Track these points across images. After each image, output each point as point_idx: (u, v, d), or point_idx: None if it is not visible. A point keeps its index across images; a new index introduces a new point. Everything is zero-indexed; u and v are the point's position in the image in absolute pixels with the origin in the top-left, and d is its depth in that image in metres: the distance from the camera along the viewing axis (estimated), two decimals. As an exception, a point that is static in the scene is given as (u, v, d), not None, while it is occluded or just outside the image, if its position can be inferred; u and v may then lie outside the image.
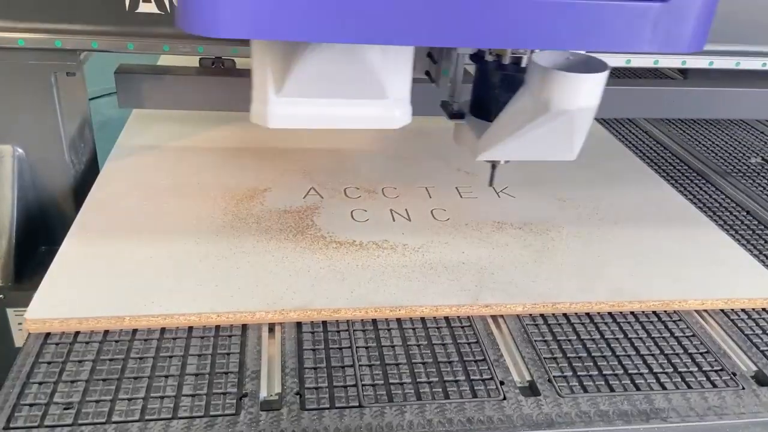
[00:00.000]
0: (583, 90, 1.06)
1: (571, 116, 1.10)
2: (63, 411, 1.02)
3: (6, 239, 1.61)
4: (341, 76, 1.06)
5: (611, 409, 1.10)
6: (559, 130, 1.13)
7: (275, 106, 1.08)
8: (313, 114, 1.11)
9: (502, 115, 1.19)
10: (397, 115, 1.15)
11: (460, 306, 1.29)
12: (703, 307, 1.37)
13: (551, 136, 1.15)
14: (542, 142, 1.18)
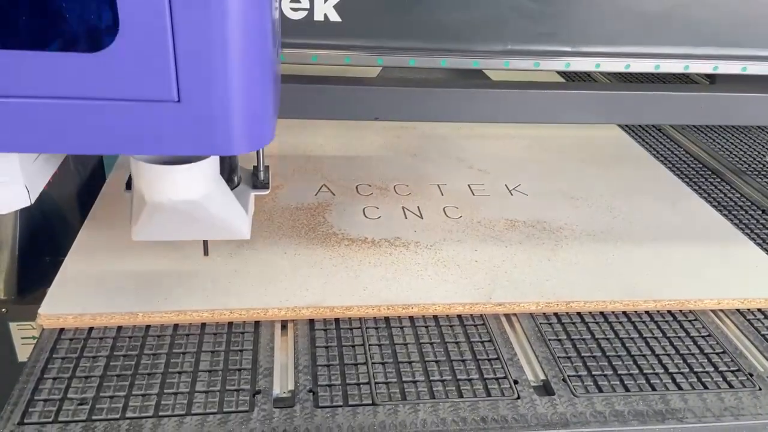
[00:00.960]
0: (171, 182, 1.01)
1: (173, 208, 1.06)
2: (77, 407, 1.02)
3: (9, 251, 1.55)
4: None
5: (626, 409, 1.09)
6: (180, 217, 1.10)
7: None
8: None
9: (132, 202, 1.15)
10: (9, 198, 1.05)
11: (474, 304, 1.28)
12: (719, 307, 1.36)
13: (183, 219, 1.11)
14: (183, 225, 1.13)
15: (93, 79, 0.75)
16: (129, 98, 0.77)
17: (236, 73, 0.79)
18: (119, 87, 0.76)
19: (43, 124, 0.78)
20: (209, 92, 0.78)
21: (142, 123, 0.79)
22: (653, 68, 1.52)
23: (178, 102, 0.78)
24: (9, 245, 1.54)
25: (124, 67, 0.75)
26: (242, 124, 0.83)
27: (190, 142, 0.82)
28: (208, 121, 0.81)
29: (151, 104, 0.77)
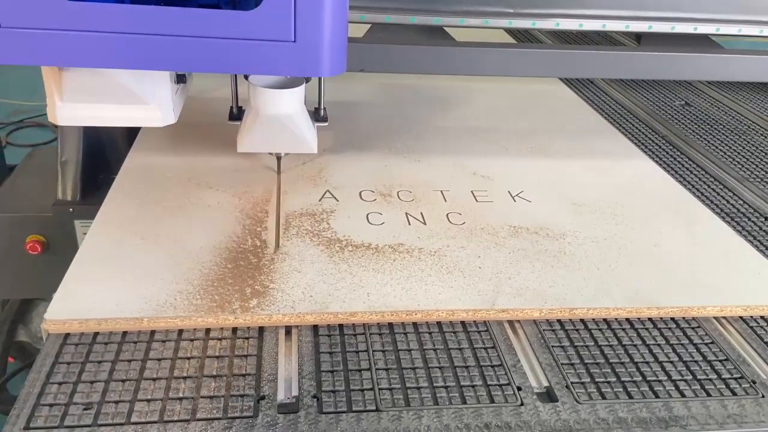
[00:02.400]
0: (277, 101, 1.52)
1: (279, 120, 1.55)
2: (83, 411, 1.03)
3: (74, 165, 2.00)
4: (103, 87, 1.34)
5: (630, 416, 1.09)
6: (277, 129, 1.57)
7: (61, 109, 1.36)
8: (92, 115, 1.39)
9: (243, 121, 1.64)
10: (159, 116, 1.42)
11: (477, 310, 1.29)
12: (722, 314, 1.36)
13: (276, 134, 1.59)
14: (275, 138, 1.61)
15: (247, 27, 1.18)
16: (265, 39, 1.19)
17: (330, 22, 1.20)
18: (261, 32, 1.18)
19: (210, 54, 1.20)
20: (314, 35, 1.20)
21: (271, 54, 1.21)
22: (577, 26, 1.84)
23: (294, 42, 1.20)
24: (74, 162, 2.01)
25: (266, 19, 1.17)
26: (332, 56, 1.24)
27: (300, 68, 1.24)
28: (311, 54, 1.22)
29: (278, 42, 1.20)
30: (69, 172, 2.00)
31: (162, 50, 1.17)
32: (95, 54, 1.16)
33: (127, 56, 1.17)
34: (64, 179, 2.00)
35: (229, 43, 1.19)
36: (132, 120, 1.41)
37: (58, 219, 1.99)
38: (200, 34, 1.17)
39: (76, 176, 2.00)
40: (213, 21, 1.17)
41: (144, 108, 1.40)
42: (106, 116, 1.39)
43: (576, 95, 2.65)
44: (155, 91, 1.40)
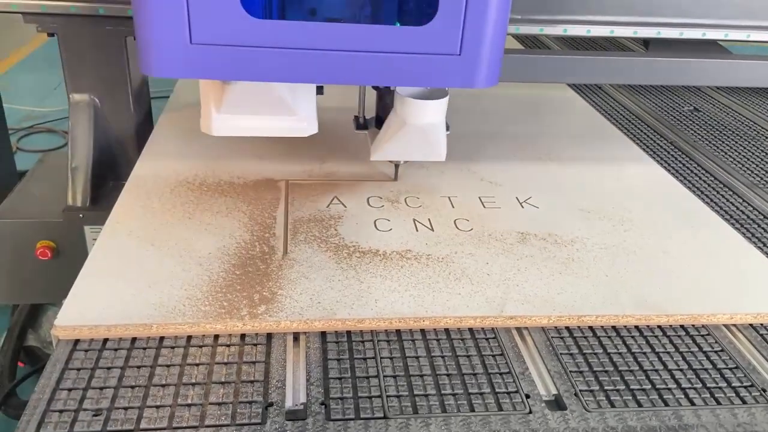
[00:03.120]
0: (427, 111, 1.54)
1: (423, 129, 1.57)
2: (92, 417, 1.03)
3: (84, 171, 2.03)
4: (261, 99, 1.43)
5: (639, 424, 1.09)
6: (419, 138, 1.61)
7: (216, 120, 1.45)
8: (245, 125, 1.47)
9: (382, 129, 1.67)
10: (305, 126, 1.50)
11: (485, 317, 1.29)
12: (732, 322, 1.35)
13: (415, 143, 1.62)
14: (412, 147, 1.64)
15: (416, 41, 1.25)
16: (432, 53, 1.26)
17: (493, 37, 1.26)
18: (429, 46, 1.25)
19: (381, 67, 1.27)
20: (477, 49, 1.26)
21: (436, 67, 1.28)
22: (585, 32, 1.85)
23: (459, 55, 1.26)
24: (84, 168, 2.04)
25: (436, 34, 1.24)
26: (490, 69, 1.30)
27: (461, 80, 1.30)
28: (473, 67, 1.29)
29: (444, 56, 1.26)
30: (79, 178, 2.03)
31: (338, 65, 1.25)
32: (278, 69, 1.24)
33: (307, 71, 1.25)
34: (74, 185, 2.03)
35: (398, 57, 1.26)
36: (279, 130, 1.49)
37: (68, 225, 2.02)
38: (374, 49, 1.25)
39: (86, 182, 2.03)
40: (386, 36, 1.24)
41: (292, 119, 1.48)
42: (256, 127, 1.47)
43: (584, 101, 2.64)
44: (303, 102, 1.48)
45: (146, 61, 1.22)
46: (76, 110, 2.02)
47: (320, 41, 1.22)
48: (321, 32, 1.22)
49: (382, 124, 1.68)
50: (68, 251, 2.06)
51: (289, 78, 1.27)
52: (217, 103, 1.43)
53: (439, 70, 1.28)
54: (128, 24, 1.89)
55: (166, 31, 1.18)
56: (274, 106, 1.44)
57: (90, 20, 1.87)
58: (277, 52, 1.22)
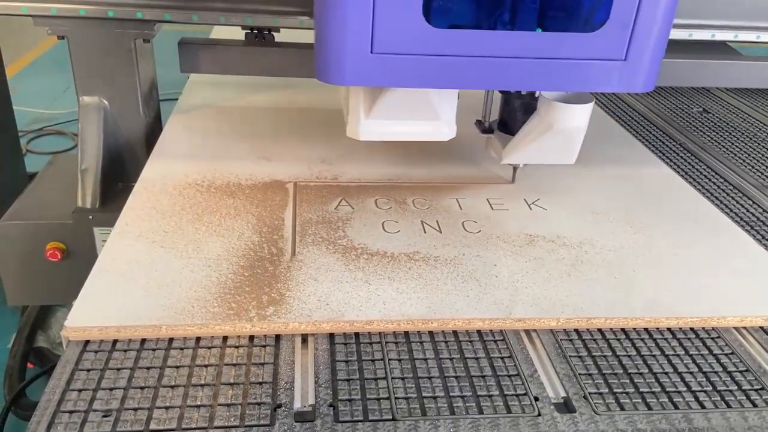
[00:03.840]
0: (576, 116, 1.55)
1: (568, 133, 1.59)
2: (102, 418, 1.03)
3: (93, 172, 2.03)
4: (410, 105, 1.50)
5: (649, 427, 1.08)
6: (560, 142, 1.63)
7: (364, 125, 1.54)
8: (390, 130, 1.56)
9: (519, 132, 1.67)
10: (446, 131, 1.59)
11: (493, 319, 1.28)
12: (742, 324, 1.34)
13: (555, 147, 1.64)
14: (549, 151, 1.66)
15: (584, 48, 1.31)
16: (599, 58, 1.32)
17: (657, 42, 1.32)
18: (597, 51, 1.31)
19: (548, 73, 1.34)
20: (643, 54, 1.32)
21: (600, 72, 1.34)
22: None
23: (624, 60, 1.32)
24: (94, 170, 2.04)
25: (605, 40, 1.29)
26: (651, 73, 1.36)
27: (623, 85, 1.36)
28: (636, 71, 1.34)
29: (609, 62, 1.32)
30: (89, 180, 2.03)
31: (510, 71, 1.32)
32: (454, 76, 1.32)
33: (481, 77, 1.33)
34: (84, 187, 2.03)
35: (565, 63, 1.32)
36: (422, 135, 1.57)
37: (77, 226, 2.02)
38: (545, 56, 1.31)
39: (96, 184, 2.03)
40: (557, 43, 1.30)
41: (435, 123, 1.55)
42: (400, 131, 1.55)
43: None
44: (446, 106, 1.54)
45: (326, 70, 1.30)
46: (85, 112, 2.02)
47: (495, 48, 1.29)
48: (496, 40, 1.29)
49: (506, 127, 1.73)
50: (78, 252, 2.07)
51: (463, 85, 1.34)
52: (367, 109, 1.49)
53: (602, 76, 1.33)
54: (137, 27, 1.91)
55: (349, 41, 1.25)
56: (422, 110, 1.51)
57: (99, 23, 1.89)
58: (454, 61, 1.30)
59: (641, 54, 1.30)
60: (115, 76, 2.00)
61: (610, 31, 1.27)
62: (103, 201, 2.04)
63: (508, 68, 1.31)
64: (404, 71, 1.29)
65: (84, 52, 1.95)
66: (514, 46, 1.29)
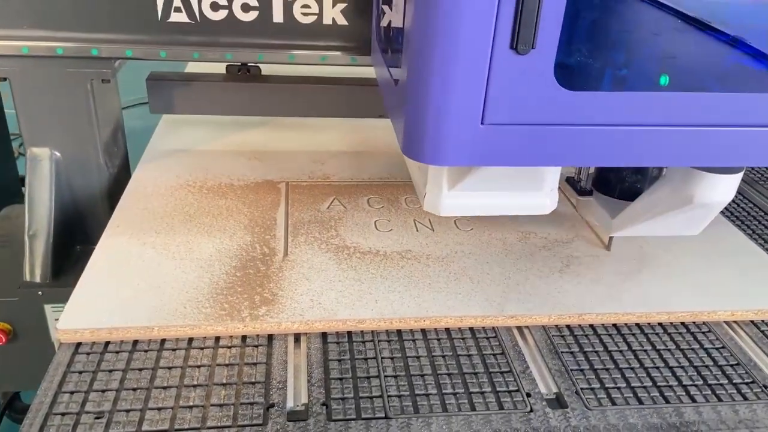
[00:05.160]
0: (724, 187, 1.23)
1: (710, 208, 1.30)
2: (94, 420, 1.03)
3: (44, 239, 1.68)
4: (509, 175, 1.21)
5: (640, 422, 1.09)
6: (696, 217, 1.34)
7: (447, 198, 1.25)
8: (478, 204, 1.27)
9: (638, 202, 1.38)
10: (548, 203, 1.29)
11: (485, 317, 1.29)
12: (733, 319, 1.35)
13: (685, 220, 1.35)
14: (675, 224, 1.37)
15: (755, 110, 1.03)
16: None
17: None
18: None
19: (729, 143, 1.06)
20: None
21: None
22: None
23: None
24: (44, 234, 1.68)
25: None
26: None
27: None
28: None
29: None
30: (38, 247, 1.68)
31: (677, 142, 1.04)
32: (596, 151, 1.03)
33: (623, 153, 1.04)
34: (33, 257, 1.68)
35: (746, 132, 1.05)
36: (518, 208, 1.29)
37: (24, 304, 1.67)
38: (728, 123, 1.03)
39: (47, 252, 1.69)
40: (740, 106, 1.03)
41: (534, 195, 1.27)
42: (491, 205, 1.27)
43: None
44: (550, 176, 1.25)
45: (417, 144, 1.00)
46: (33, 167, 1.68)
47: (656, 115, 1.01)
48: (659, 104, 1.00)
49: (606, 187, 1.47)
50: (27, 334, 1.71)
51: (612, 161, 1.06)
52: (454, 179, 1.22)
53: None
54: (93, 65, 1.61)
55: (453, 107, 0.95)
56: (524, 181, 1.24)
57: (47, 62, 1.58)
58: (598, 132, 1.01)
59: None
60: (68, 123, 1.68)
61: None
62: (56, 272, 1.70)
63: (667, 140, 1.02)
64: (522, 147, 1.00)
65: (30, 95, 1.63)
66: (678, 111, 1.00)
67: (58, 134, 1.70)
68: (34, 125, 1.68)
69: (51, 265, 1.69)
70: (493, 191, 1.25)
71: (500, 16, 0.89)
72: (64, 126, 1.69)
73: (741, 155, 1.08)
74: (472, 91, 0.94)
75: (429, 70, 0.93)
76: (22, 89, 1.63)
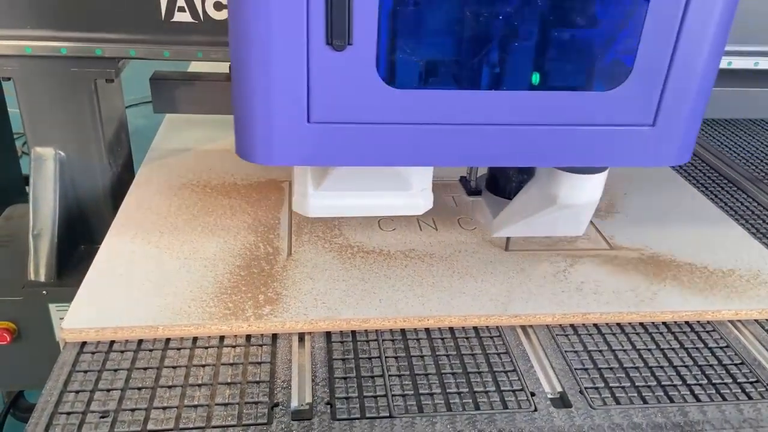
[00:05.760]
0: (587, 189, 1.22)
1: (576, 209, 1.28)
2: (99, 419, 1.04)
3: (48, 238, 1.69)
4: (372, 175, 1.19)
5: (645, 421, 1.09)
6: (566, 217, 1.32)
7: (313, 199, 1.24)
8: (348, 204, 1.26)
9: (514, 202, 1.37)
10: (421, 203, 1.29)
11: (489, 316, 1.29)
12: (737, 318, 1.35)
13: (559, 221, 1.34)
14: (550, 225, 1.36)
15: (600, 110, 0.99)
16: (619, 124, 1.00)
17: (696, 103, 1.01)
18: (616, 116, 0.99)
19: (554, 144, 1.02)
20: (677, 118, 1.00)
21: (621, 142, 1.02)
22: None
23: (652, 126, 1.00)
24: (49, 234, 1.69)
25: (625, 101, 0.98)
26: (687, 142, 1.06)
27: (649, 157, 1.04)
28: (668, 140, 1.03)
29: (633, 128, 1.00)
30: (42, 247, 1.69)
31: (496, 143, 1.00)
32: (420, 151, 1.00)
33: (453, 153, 1.01)
34: (37, 256, 1.69)
35: (576, 131, 1.00)
36: (388, 209, 1.27)
37: (29, 303, 1.68)
38: (543, 122, 0.98)
39: (51, 252, 1.70)
40: (561, 104, 0.98)
41: (405, 195, 1.26)
42: (360, 205, 1.26)
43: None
44: (421, 176, 1.23)
45: (247, 144, 1.00)
46: (38, 166, 1.69)
47: (478, 113, 0.97)
48: (480, 102, 0.97)
49: (497, 188, 1.44)
50: (31, 333, 1.72)
51: (434, 161, 1.04)
52: (317, 179, 1.20)
53: (621, 146, 1.03)
54: (97, 65, 1.61)
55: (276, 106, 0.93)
56: (386, 181, 1.22)
57: (51, 62, 1.58)
58: (422, 130, 0.97)
59: (677, 118, 0.99)
60: (72, 123, 1.68)
61: (633, 89, 0.96)
62: (60, 271, 1.71)
63: (497, 139, 0.99)
64: (353, 146, 0.98)
65: (34, 95, 1.64)
66: (506, 110, 0.98)
67: (62, 134, 1.70)
68: (38, 125, 1.69)
69: (55, 264, 1.70)
70: (362, 191, 1.24)
71: (311, 10, 0.87)
72: (68, 126, 1.69)
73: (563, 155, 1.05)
74: (293, 89, 0.92)
75: (248, 68, 0.92)
76: (26, 89, 1.64)
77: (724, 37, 0.98)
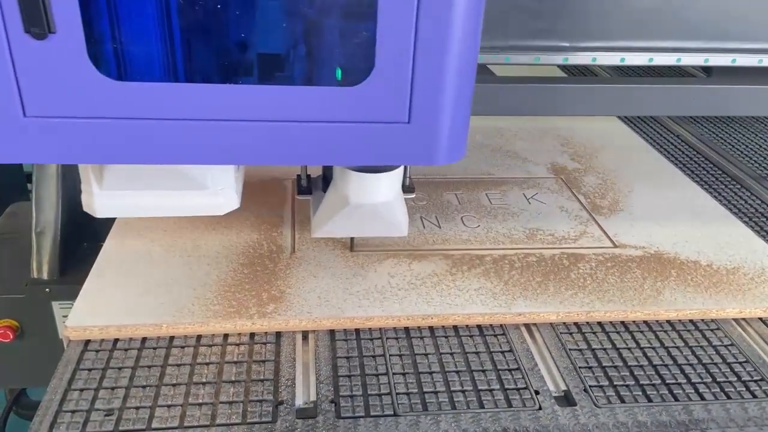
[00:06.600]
0: (375, 187, 1.20)
1: (372, 208, 1.25)
2: (104, 417, 1.04)
3: (51, 236, 1.67)
4: (155, 173, 1.12)
5: (649, 419, 1.09)
6: (371, 216, 1.28)
7: (101, 198, 1.16)
8: (141, 204, 1.18)
9: (323, 203, 1.32)
10: (222, 202, 1.22)
11: (493, 314, 1.29)
12: (741, 316, 1.35)
13: (366, 221, 1.29)
14: (364, 224, 1.31)
15: (348, 106, 0.95)
16: (370, 120, 0.96)
17: (454, 100, 0.97)
18: (365, 112, 0.96)
19: (296, 141, 0.97)
20: (433, 115, 0.97)
21: (376, 140, 0.98)
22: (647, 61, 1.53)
23: (407, 123, 0.97)
24: (52, 232, 1.67)
25: (373, 95, 0.94)
26: (452, 139, 1.02)
27: (412, 155, 1.02)
28: (428, 138, 1.00)
29: (387, 125, 0.97)
30: (45, 244, 1.67)
31: (232, 140, 0.94)
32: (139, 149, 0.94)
33: (188, 149, 0.95)
34: (40, 254, 1.67)
35: (323, 128, 0.96)
36: (188, 209, 1.20)
37: (32, 301, 1.68)
38: (284, 118, 0.94)
39: (54, 250, 1.68)
40: (303, 100, 0.94)
41: (202, 194, 1.19)
42: (155, 205, 1.19)
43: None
44: (217, 173, 1.18)
45: None
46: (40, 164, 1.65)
47: (211, 109, 0.92)
48: (212, 97, 0.91)
49: (326, 186, 1.36)
50: (34, 331, 1.71)
51: (160, 159, 0.96)
52: (99, 176, 1.11)
53: (381, 144, 0.98)
54: None
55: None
56: (174, 179, 1.14)
57: None
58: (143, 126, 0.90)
59: (434, 113, 0.95)
60: None
61: (379, 83, 0.91)
62: (63, 269, 1.69)
63: (231, 135, 0.93)
64: (76, 142, 0.90)
65: None
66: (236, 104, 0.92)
67: None
68: None
69: (58, 262, 1.69)
70: (155, 191, 1.16)
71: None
72: None
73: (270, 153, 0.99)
74: (1, 80, 0.86)
75: None
76: None
77: (474, 35, 0.94)
